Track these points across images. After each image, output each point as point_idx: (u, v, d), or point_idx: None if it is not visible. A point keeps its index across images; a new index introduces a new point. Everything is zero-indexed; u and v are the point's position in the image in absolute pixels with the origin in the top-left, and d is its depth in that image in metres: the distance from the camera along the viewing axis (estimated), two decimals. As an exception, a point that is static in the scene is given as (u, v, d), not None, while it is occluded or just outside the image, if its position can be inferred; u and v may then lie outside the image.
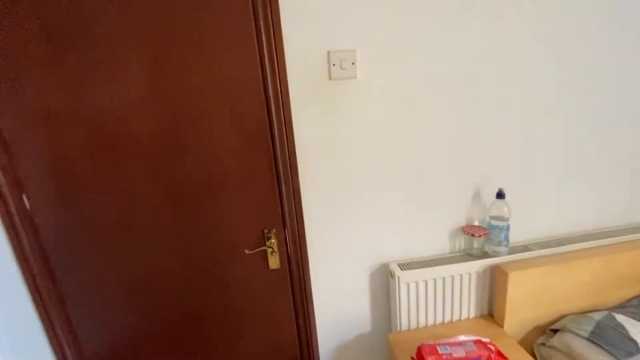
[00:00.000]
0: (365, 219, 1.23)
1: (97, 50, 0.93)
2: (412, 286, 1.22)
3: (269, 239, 1.16)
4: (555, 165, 1.32)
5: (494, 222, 1.25)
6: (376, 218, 1.23)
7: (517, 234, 1.36)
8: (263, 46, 1.01)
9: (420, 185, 1.23)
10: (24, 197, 0.99)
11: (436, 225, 1.29)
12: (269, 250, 1.15)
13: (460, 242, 1.33)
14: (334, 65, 1.06)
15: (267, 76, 1.03)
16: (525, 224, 1.36)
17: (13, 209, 0.98)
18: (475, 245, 1.29)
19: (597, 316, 1.20)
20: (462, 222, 1.31)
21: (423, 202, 1.25)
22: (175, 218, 1.09)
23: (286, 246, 1.19)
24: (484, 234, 1.24)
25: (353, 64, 1.07)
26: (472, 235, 1.24)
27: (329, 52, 1.05)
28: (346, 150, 1.15)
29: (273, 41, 1.02)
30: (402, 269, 1.22)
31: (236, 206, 1.11)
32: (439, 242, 1.31)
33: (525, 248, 1.32)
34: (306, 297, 1.24)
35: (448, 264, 1.24)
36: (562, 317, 1.28)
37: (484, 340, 1.08)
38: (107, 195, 1.04)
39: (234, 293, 1.19)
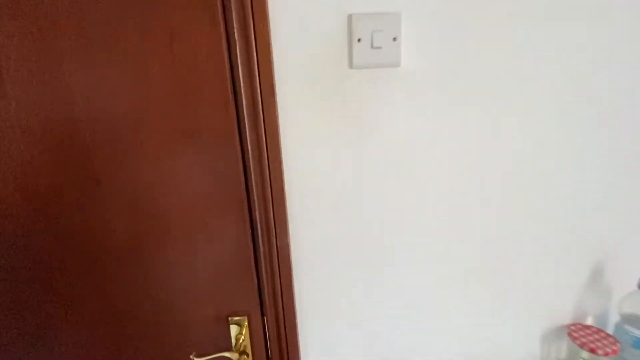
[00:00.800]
0: (399, 306, 0.73)
1: None
2: None
3: (237, 326, 0.70)
4: None
5: (634, 331, 0.71)
6: (419, 304, 0.73)
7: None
8: (231, 8, 0.56)
9: (494, 253, 0.72)
10: None
11: (519, 318, 0.77)
12: (234, 356, 0.69)
13: (560, 350, 0.80)
14: (359, 41, 0.58)
15: (237, 62, 0.58)
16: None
17: None
18: (586, 357, 0.76)
19: None
20: (566, 319, 0.78)
21: (498, 281, 0.74)
22: (83, 294, 0.65)
23: (265, 344, 0.72)
24: (613, 352, 0.70)
25: (395, 39, 0.58)
26: (592, 351, 0.71)
27: (350, 17, 0.57)
28: (372, 194, 0.66)
29: (250, -3, 0.56)
30: (460, 401, 0.71)
31: (182, 275, 0.67)
32: (524, 348, 0.79)
33: (679, 372, 0.76)
34: None
35: (542, 395, 0.72)
36: None
37: None
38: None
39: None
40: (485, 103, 0.63)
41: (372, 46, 0.58)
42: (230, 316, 0.70)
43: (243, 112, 0.60)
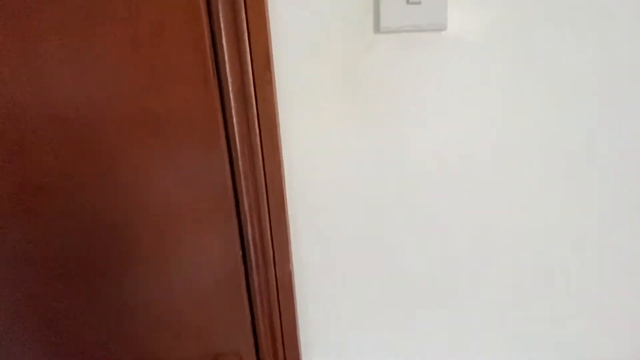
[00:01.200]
0: (439, 342, 0.57)
1: None
2: None
3: (228, 369, 0.55)
4: None
5: None
6: (473, 347, 0.57)
7: None
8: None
9: (564, 284, 0.55)
10: None
11: (583, 351, 0.60)
12: (219, 411, 0.54)
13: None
14: (389, -7, 0.41)
15: (219, 24, 0.42)
16: None
17: None
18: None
19: None
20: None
21: (553, 305, 0.57)
22: (22, 329, 0.51)
23: (261, 393, 0.57)
24: None
25: (440, -9, 0.41)
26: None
27: (378, -42, 0.41)
28: (406, 204, 0.50)
29: None
30: None
31: (154, 307, 0.52)
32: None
33: None
34: None
35: None
36: None
37: None
38: None
39: None
40: (571, 82, 0.45)
41: (407, 1, 0.42)
42: (217, 357, 0.55)
43: (229, 94, 0.45)
